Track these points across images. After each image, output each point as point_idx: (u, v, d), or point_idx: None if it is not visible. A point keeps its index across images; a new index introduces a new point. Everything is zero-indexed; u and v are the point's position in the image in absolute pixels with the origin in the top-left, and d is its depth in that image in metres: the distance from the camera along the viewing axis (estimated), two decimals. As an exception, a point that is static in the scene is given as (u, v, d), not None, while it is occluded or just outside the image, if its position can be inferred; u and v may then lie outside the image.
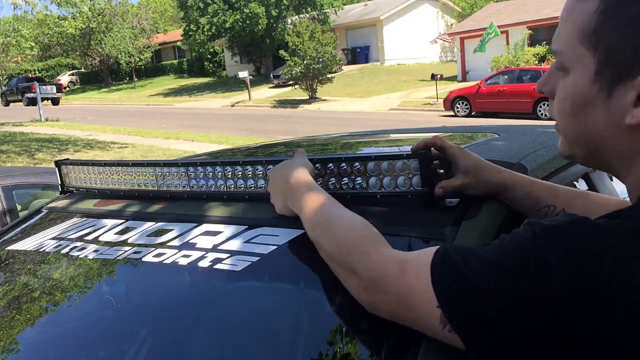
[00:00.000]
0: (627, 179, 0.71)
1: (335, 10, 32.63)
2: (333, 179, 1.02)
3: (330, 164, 1.02)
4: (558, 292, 0.59)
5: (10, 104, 32.00)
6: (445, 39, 29.95)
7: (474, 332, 0.64)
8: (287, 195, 0.95)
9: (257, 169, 1.10)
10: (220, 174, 1.16)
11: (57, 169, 1.50)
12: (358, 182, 1.00)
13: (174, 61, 44.75)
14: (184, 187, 1.22)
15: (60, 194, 1.54)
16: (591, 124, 0.70)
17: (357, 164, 0.99)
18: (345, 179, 1.01)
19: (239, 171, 1.13)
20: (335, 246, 0.80)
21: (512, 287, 0.62)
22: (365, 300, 0.76)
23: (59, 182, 1.50)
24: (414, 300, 0.69)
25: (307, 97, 24.45)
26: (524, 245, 0.63)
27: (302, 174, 0.95)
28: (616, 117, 0.67)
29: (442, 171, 0.97)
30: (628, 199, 0.73)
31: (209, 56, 38.46)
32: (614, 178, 1.31)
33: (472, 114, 17.86)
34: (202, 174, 1.18)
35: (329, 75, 23.83)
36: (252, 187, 1.11)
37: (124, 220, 1.26)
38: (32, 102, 24.91)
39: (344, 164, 1.00)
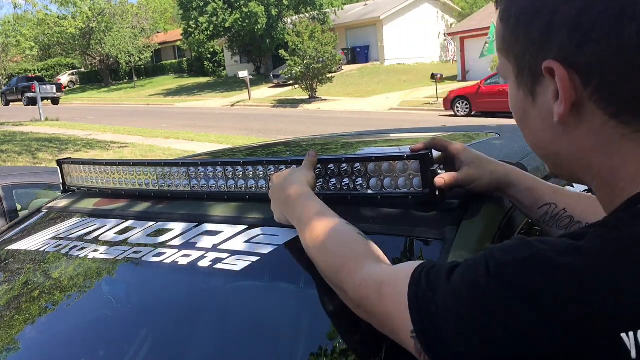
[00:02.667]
0: (593, 185, 0.66)
1: (335, 10, 32.64)
2: (334, 179, 1.02)
3: (331, 165, 1.02)
4: (509, 339, 0.56)
5: (10, 103, 32.01)
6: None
7: None
8: (284, 205, 0.95)
9: (258, 169, 1.11)
10: (221, 174, 1.16)
11: (58, 168, 1.50)
12: (359, 182, 1.00)
13: (174, 61, 44.75)
14: (184, 187, 1.22)
15: (62, 192, 1.54)
16: (535, 131, 0.67)
17: (357, 164, 0.99)
18: (346, 179, 1.01)
19: (240, 171, 1.13)
20: (325, 267, 0.82)
21: (469, 329, 0.59)
22: (360, 316, 0.78)
23: (61, 181, 1.50)
24: (393, 324, 0.69)
25: (307, 97, 24.44)
26: (476, 286, 0.59)
27: (299, 185, 0.94)
28: (548, 119, 0.63)
29: (443, 172, 0.97)
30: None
31: (208, 56, 38.44)
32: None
33: (472, 113, 17.86)
34: (202, 174, 1.18)
35: (329, 75, 23.82)
36: (252, 187, 1.11)
37: (124, 220, 1.26)
38: (32, 101, 24.90)
39: (344, 165, 1.00)
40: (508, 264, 0.58)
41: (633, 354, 0.51)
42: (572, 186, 1.33)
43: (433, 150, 0.95)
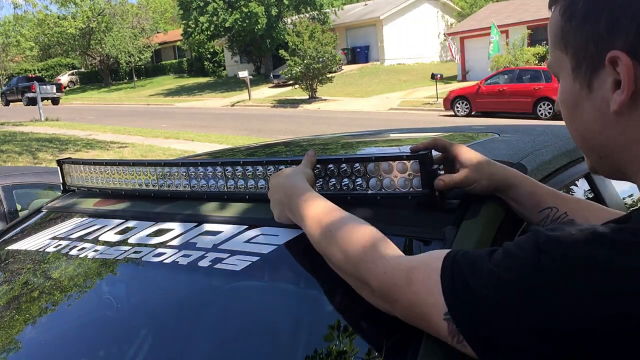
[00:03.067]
0: (637, 175, 0.68)
1: (335, 10, 32.64)
2: (333, 179, 1.02)
3: (331, 165, 1.02)
4: (560, 310, 0.57)
5: (10, 103, 32.00)
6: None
7: (486, 345, 0.63)
8: (285, 204, 0.94)
9: (258, 169, 1.10)
10: (220, 174, 1.16)
11: (59, 167, 1.50)
12: (358, 183, 1.00)
13: (174, 61, 44.74)
14: (184, 187, 1.22)
15: (62, 192, 1.54)
16: (585, 123, 0.70)
17: (357, 164, 0.99)
18: (346, 180, 1.01)
19: (240, 171, 1.13)
20: (342, 258, 0.80)
21: (518, 303, 0.60)
22: (382, 308, 0.76)
23: (61, 181, 1.51)
24: (423, 310, 0.69)
25: (307, 97, 24.45)
26: (526, 258, 0.61)
27: (301, 183, 0.93)
28: (602, 109, 0.66)
29: (443, 172, 0.97)
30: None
31: (208, 56, 38.44)
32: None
33: (472, 113, 17.86)
34: (202, 174, 1.18)
35: (329, 75, 23.83)
36: (252, 187, 1.11)
37: (124, 220, 1.26)
38: (32, 101, 24.91)
39: (344, 165, 1.00)
40: (558, 238, 0.60)
41: None
42: (576, 185, 1.33)
43: (433, 151, 0.95)
